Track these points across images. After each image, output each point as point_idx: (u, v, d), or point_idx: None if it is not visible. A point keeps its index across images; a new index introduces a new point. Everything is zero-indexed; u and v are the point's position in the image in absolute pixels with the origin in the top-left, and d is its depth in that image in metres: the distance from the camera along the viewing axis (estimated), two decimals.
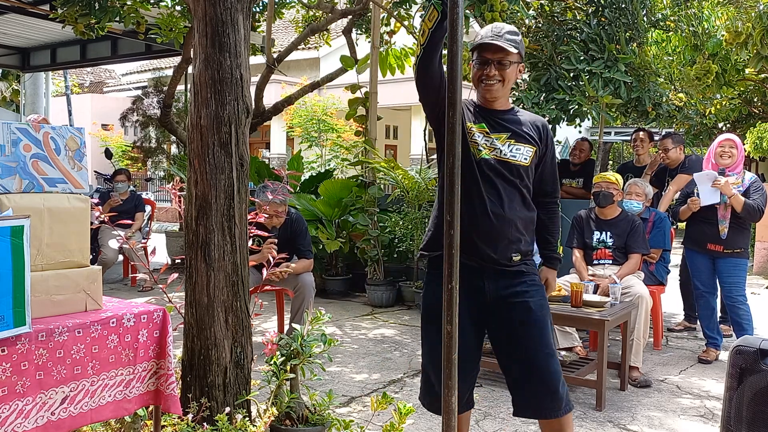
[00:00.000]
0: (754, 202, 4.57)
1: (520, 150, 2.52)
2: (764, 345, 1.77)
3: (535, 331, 2.50)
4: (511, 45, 2.46)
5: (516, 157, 2.51)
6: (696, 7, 6.57)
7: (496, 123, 2.54)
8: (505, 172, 2.49)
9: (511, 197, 2.50)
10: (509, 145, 2.51)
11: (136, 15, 6.26)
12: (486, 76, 2.49)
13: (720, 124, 11.06)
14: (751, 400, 1.76)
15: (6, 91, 11.70)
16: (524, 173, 2.52)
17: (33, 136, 2.21)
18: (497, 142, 2.50)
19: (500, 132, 2.53)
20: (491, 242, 2.49)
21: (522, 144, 2.52)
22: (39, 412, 2.01)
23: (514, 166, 2.50)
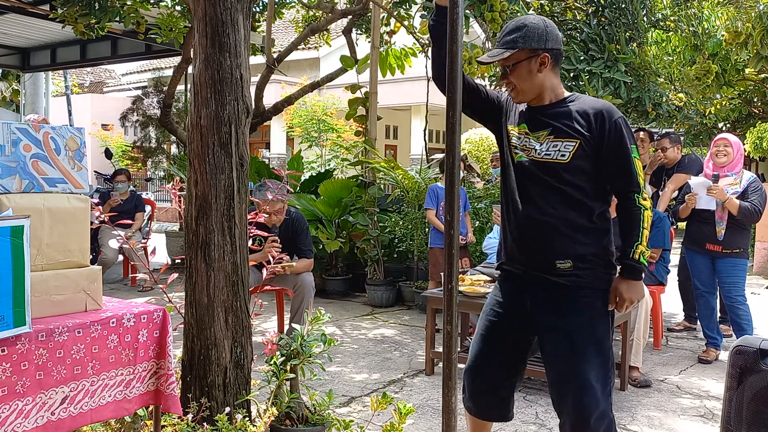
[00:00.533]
0: (751, 204, 4.55)
1: (557, 147, 2.29)
2: (764, 345, 1.77)
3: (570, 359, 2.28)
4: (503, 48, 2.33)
5: (551, 155, 2.29)
6: (696, 7, 6.57)
7: (539, 120, 2.36)
8: (539, 173, 2.31)
9: (549, 199, 2.30)
10: (548, 143, 2.31)
11: (136, 15, 6.26)
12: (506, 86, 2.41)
13: (720, 124, 11.06)
14: (751, 400, 1.76)
15: (6, 91, 11.70)
16: (565, 171, 2.27)
17: (33, 136, 2.21)
18: (535, 141, 2.33)
19: (542, 129, 2.34)
20: (529, 249, 2.36)
21: (561, 139, 2.29)
22: (39, 412, 2.01)
23: (548, 165, 2.29)
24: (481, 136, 14.07)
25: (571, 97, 2.38)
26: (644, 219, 2.30)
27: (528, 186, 2.34)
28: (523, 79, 2.34)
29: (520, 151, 2.36)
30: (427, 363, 4.46)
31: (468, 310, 4.50)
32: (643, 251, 2.29)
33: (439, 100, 3.01)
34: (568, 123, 2.29)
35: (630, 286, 2.33)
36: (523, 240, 2.37)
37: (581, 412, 2.25)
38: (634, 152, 2.30)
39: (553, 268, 2.30)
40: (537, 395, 4.02)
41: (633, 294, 2.33)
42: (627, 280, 2.33)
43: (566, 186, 2.28)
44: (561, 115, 2.32)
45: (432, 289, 4.87)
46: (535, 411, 3.77)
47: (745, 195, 4.62)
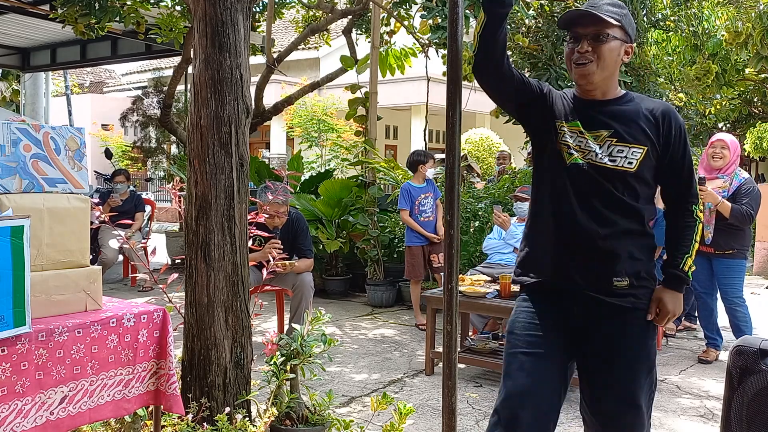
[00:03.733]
0: (742, 207, 4.50)
1: (623, 152, 2.05)
2: (764, 345, 1.77)
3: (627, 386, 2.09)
4: (609, 16, 2.03)
5: (617, 162, 2.05)
6: (696, 7, 6.57)
7: (594, 118, 2.10)
8: (602, 180, 2.06)
9: (611, 208, 2.06)
10: (609, 146, 2.06)
11: (136, 15, 6.27)
12: (578, 54, 2.04)
13: (720, 124, 11.07)
14: (751, 400, 1.75)
15: (6, 91, 11.70)
16: (631, 180, 2.06)
17: (33, 136, 2.21)
18: (592, 142, 2.08)
19: (599, 129, 2.09)
20: (584, 264, 2.09)
21: (627, 144, 2.06)
22: (38, 411, 2.01)
23: (614, 172, 2.05)
24: (481, 136, 14.07)
25: (629, 96, 2.17)
26: (697, 230, 2.15)
27: (586, 192, 2.08)
28: (608, 59, 2.06)
29: (575, 151, 2.09)
30: (427, 363, 4.46)
31: (468, 310, 4.50)
32: (691, 264, 2.14)
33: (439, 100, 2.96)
34: (635, 126, 2.07)
35: (675, 298, 2.13)
36: (577, 253, 2.09)
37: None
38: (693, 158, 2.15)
39: (610, 285, 2.07)
40: None
41: (677, 307, 2.14)
42: (672, 292, 2.14)
43: (628, 194, 2.08)
44: (622, 115, 2.09)
45: (432, 289, 4.87)
46: None
47: (736, 196, 4.56)
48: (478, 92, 2.45)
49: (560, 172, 2.11)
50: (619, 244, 2.06)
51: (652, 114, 2.09)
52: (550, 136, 2.14)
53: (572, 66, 2.08)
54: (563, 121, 2.12)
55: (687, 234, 2.14)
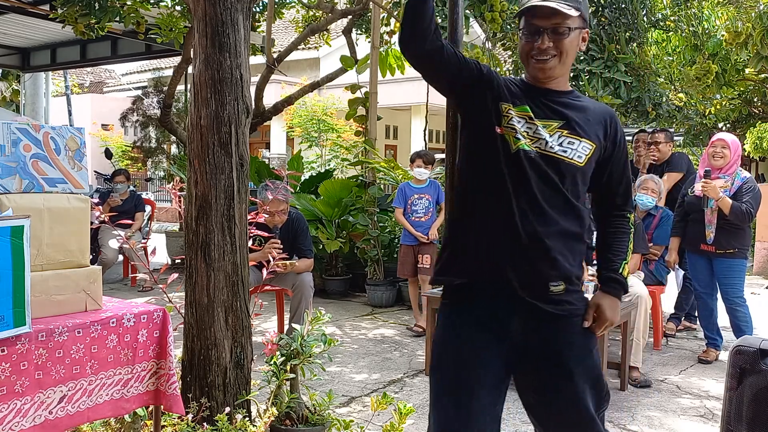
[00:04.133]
0: (743, 205, 4.52)
1: (573, 145, 1.91)
2: (764, 345, 1.77)
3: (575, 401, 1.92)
4: (568, 5, 1.88)
5: (568, 153, 1.90)
6: (696, 7, 6.57)
7: (545, 106, 1.95)
8: (549, 171, 1.89)
9: (552, 205, 1.90)
10: (560, 137, 1.91)
11: (136, 15, 6.26)
12: (537, 50, 1.90)
13: (720, 124, 11.07)
14: (751, 400, 1.76)
15: (6, 91, 11.70)
16: (576, 175, 1.92)
17: (33, 136, 2.21)
18: (543, 130, 1.91)
19: (549, 119, 1.93)
20: (520, 264, 1.89)
21: (578, 137, 1.92)
22: (37, 411, 2.01)
23: (564, 164, 1.90)
24: None
25: (577, 93, 2.06)
26: (631, 238, 2.09)
27: (530, 184, 1.88)
28: (570, 53, 1.93)
29: (522, 137, 1.89)
30: (427, 363, 4.46)
31: None
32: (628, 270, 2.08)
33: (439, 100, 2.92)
34: (586, 122, 1.95)
35: (614, 304, 2.00)
36: (516, 254, 1.89)
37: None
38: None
39: (546, 291, 1.90)
40: None
41: (615, 314, 2.00)
42: (611, 298, 2.00)
43: (572, 193, 1.93)
44: (575, 108, 1.97)
45: (432, 289, 4.87)
46: None
47: (737, 195, 4.58)
48: None
49: (501, 160, 1.90)
50: (557, 246, 1.89)
51: (601, 115, 2.01)
52: (492, 120, 1.93)
53: (529, 60, 1.94)
54: (510, 104, 1.93)
55: (623, 240, 2.05)
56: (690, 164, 5.88)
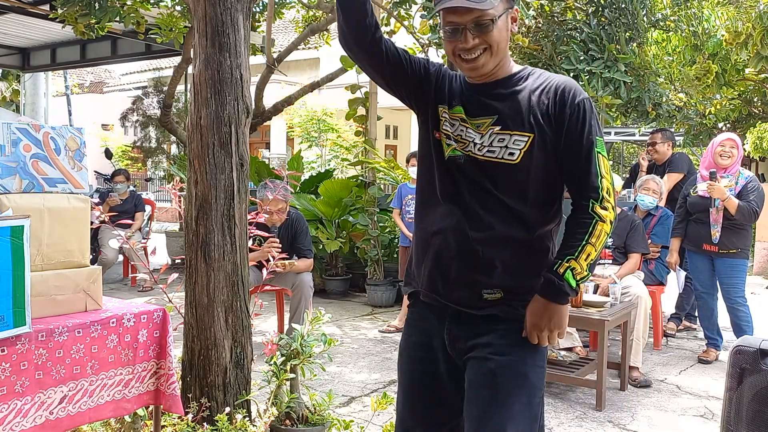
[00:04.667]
0: (749, 204, 4.54)
1: (504, 141, 1.72)
2: (764, 345, 1.77)
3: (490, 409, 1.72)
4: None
5: (495, 153, 1.72)
6: (696, 7, 6.57)
7: (478, 104, 1.78)
8: (480, 175, 1.75)
9: (490, 211, 1.74)
10: (490, 135, 1.73)
11: (136, 15, 6.27)
12: (463, 49, 1.72)
13: (720, 124, 11.06)
14: (751, 400, 1.76)
15: (6, 91, 11.70)
16: (515, 176, 1.73)
17: (33, 136, 2.21)
18: (473, 131, 1.76)
19: (482, 116, 1.76)
20: (451, 276, 1.78)
21: (508, 132, 1.72)
22: (37, 411, 2.01)
23: (491, 165, 1.73)
24: None
25: (523, 72, 1.80)
26: (593, 231, 1.71)
27: (462, 191, 1.76)
28: (500, 44, 1.73)
29: (454, 142, 1.78)
30: None
31: None
32: (574, 269, 1.70)
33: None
34: (520, 110, 1.73)
35: (545, 309, 1.72)
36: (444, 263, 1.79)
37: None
38: (599, 146, 1.74)
39: (478, 299, 1.77)
40: None
41: (545, 320, 1.72)
42: (542, 301, 1.73)
43: (511, 194, 1.74)
44: (510, 98, 1.75)
45: None
46: None
47: (742, 194, 4.60)
48: None
49: (435, 167, 1.82)
50: (494, 253, 1.73)
51: (544, 92, 1.73)
52: (431, 124, 1.84)
53: (457, 59, 1.76)
54: (446, 106, 1.81)
55: (576, 233, 1.72)
56: (691, 164, 5.88)
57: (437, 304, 1.84)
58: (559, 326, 1.74)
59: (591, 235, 1.71)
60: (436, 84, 1.84)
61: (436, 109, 1.83)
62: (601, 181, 1.72)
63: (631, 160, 15.30)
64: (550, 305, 1.73)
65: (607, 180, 1.73)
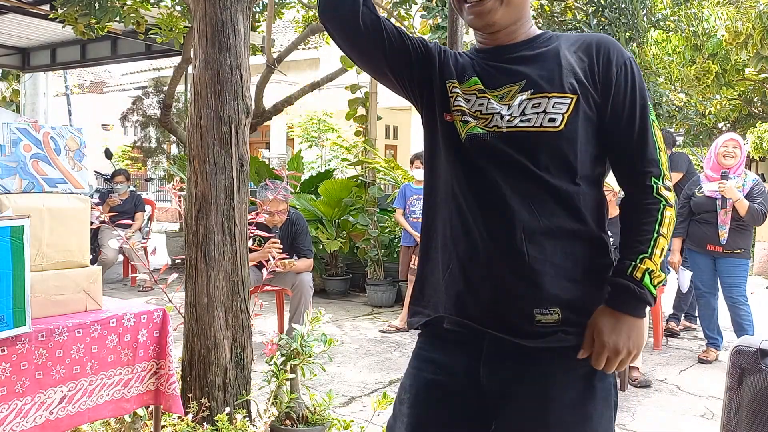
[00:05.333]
0: (759, 206, 4.57)
1: (540, 106, 1.37)
2: (764, 345, 1.77)
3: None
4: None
5: (533, 121, 1.37)
6: (696, 7, 6.57)
7: (498, 70, 1.45)
8: (512, 152, 1.37)
9: (528, 198, 1.36)
10: (521, 103, 1.39)
11: (136, 15, 6.27)
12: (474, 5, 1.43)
13: (720, 124, 11.07)
14: (751, 400, 1.76)
15: (6, 91, 11.70)
16: (558, 147, 1.36)
17: (33, 136, 2.21)
18: (497, 102, 1.41)
19: (505, 84, 1.43)
20: (486, 291, 1.38)
21: (545, 94, 1.38)
22: (37, 411, 2.01)
23: (533, 137, 1.36)
24: None
25: (548, 35, 1.50)
26: (662, 219, 1.37)
27: (489, 177, 1.39)
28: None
29: (472, 119, 1.42)
30: None
31: None
32: (652, 271, 1.35)
33: None
34: (555, 69, 1.40)
35: (622, 325, 1.35)
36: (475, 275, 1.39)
37: None
38: (651, 112, 1.43)
39: (530, 323, 1.35)
40: None
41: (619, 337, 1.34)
42: (614, 313, 1.35)
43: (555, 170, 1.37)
44: (539, 58, 1.43)
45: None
46: None
47: (750, 195, 4.62)
48: None
49: (453, 154, 1.45)
50: (542, 256, 1.35)
51: (581, 48, 1.43)
52: (440, 107, 1.50)
53: (462, 6, 1.46)
54: (456, 81, 1.48)
55: (644, 223, 1.38)
56: (690, 164, 5.89)
57: (468, 333, 1.41)
58: (639, 346, 1.37)
59: (662, 225, 1.37)
60: (439, 60, 1.53)
61: (443, 86, 1.49)
62: (660, 155, 1.41)
63: None
64: (628, 319, 1.35)
65: (665, 154, 1.43)
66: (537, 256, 1.34)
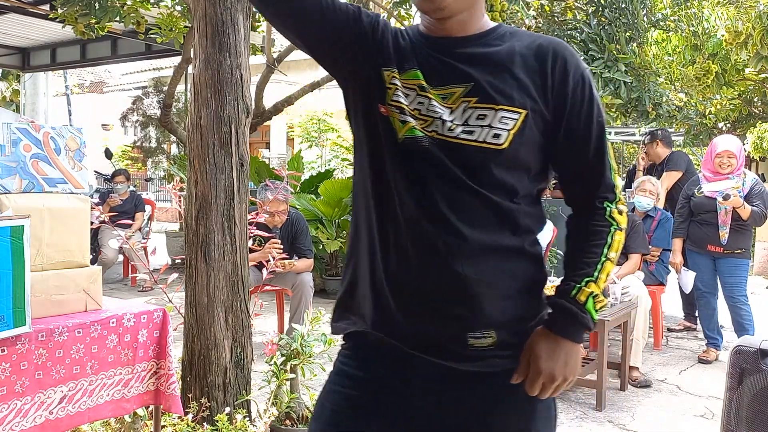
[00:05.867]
0: (759, 208, 4.59)
1: (485, 119, 1.24)
2: (764, 345, 1.77)
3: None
4: None
5: (475, 135, 1.24)
6: (696, 7, 6.57)
7: (443, 66, 1.29)
8: (451, 165, 1.25)
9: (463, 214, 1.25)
10: (465, 110, 1.25)
11: (136, 15, 6.26)
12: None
13: (720, 124, 11.07)
14: (751, 400, 1.76)
15: (6, 91, 11.70)
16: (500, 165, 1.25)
17: (33, 136, 2.21)
18: (439, 104, 1.27)
19: (450, 84, 1.27)
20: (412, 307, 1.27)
21: (492, 106, 1.24)
22: (37, 411, 2.01)
23: (468, 152, 1.24)
24: None
25: (502, 30, 1.33)
26: (612, 243, 1.29)
27: (426, 186, 1.26)
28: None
29: (411, 118, 1.27)
30: None
31: None
32: (596, 296, 1.27)
33: None
34: (507, 77, 1.26)
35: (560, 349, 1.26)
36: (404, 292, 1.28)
37: None
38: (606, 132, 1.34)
39: (462, 347, 1.25)
40: None
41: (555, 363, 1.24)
42: (552, 337, 1.26)
43: (494, 188, 1.25)
44: (491, 59, 1.28)
45: None
46: None
47: (749, 197, 4.64)
48: None
49: (385, 154, 1.30)
50: (478, 275, 1.23)
51: (536, 55, 1.28)
52: (375, 96, 1.32)
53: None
54: (395, 69, 1.31)
55: (593, 245, 1.29)
56: (690, 163, 5.90)
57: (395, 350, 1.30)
58: (575, 373, 1.28)
59: (610, 248, 1.29)
60: (377, 36, 1.34)
61: (379, 74, 1.31)
62: (615, 178, 1.32)
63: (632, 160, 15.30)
64: (567, 345, 1.26)
65: (618, 175, 1.35)
66: (471, 275, 1.23)
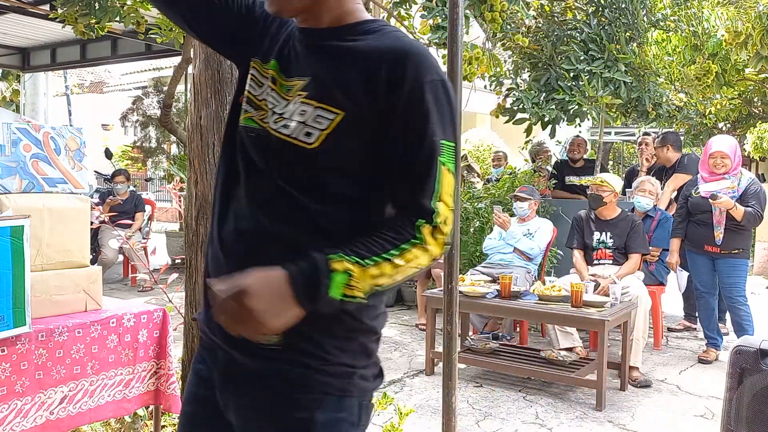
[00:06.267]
0: (753, 209, 4.57)
1: (304, 115, 1.19)
2: (764, 345, 1.77)
3: None
4: None
5: (289, 130, 1.20)
6: (696, 7, 6.57)
7: (300, 57, 1.27)
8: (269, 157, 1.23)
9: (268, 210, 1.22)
10: (295, 104, 1.21)
11: (136, 15, 6.26)
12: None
13: (720, 124, 11.07)
14: (751, 400, 1.76)
15: (6, 91, 11.71)
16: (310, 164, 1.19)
17: (33, 136, 2.21)
18: (277, 95, 1.25)
19: (297, 76, 1.25)
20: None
21: (314, 103, 1.19)
22: (38, 411, 2.01)
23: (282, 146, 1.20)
24: (481, 136, 14.07)
25: (373, 25, 1.26)
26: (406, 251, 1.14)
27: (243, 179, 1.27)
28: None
29: (252, 108, 1.28)
30: (427, 363, 4.46)
31: (468, 310, 4.50)
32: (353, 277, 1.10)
33: None
34: (338, 74, 1.20)
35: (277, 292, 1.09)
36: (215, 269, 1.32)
37: None
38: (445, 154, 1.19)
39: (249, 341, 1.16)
40: (537, 395, 4.02)
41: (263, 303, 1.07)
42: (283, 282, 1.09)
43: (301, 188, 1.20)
44: (337, 54, 1.23)
45: (432, 289, 4.87)
46: (535, 411, 3.76)
47: (744, 197, 4.62)
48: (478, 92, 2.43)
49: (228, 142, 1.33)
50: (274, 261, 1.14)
51: (380, 56, 1.18)
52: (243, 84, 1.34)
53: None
54: (259, 60, 1.31)
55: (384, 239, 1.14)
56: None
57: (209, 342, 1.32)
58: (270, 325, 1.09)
59: (401, 255, 1.14)
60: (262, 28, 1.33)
61: (248, 64, 1.32)
62: (437, 205, 1.16)
63: (632, 160, 15.30)
64: (288, 295, 1.09)
65: (446, 207, 1.18)
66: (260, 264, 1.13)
